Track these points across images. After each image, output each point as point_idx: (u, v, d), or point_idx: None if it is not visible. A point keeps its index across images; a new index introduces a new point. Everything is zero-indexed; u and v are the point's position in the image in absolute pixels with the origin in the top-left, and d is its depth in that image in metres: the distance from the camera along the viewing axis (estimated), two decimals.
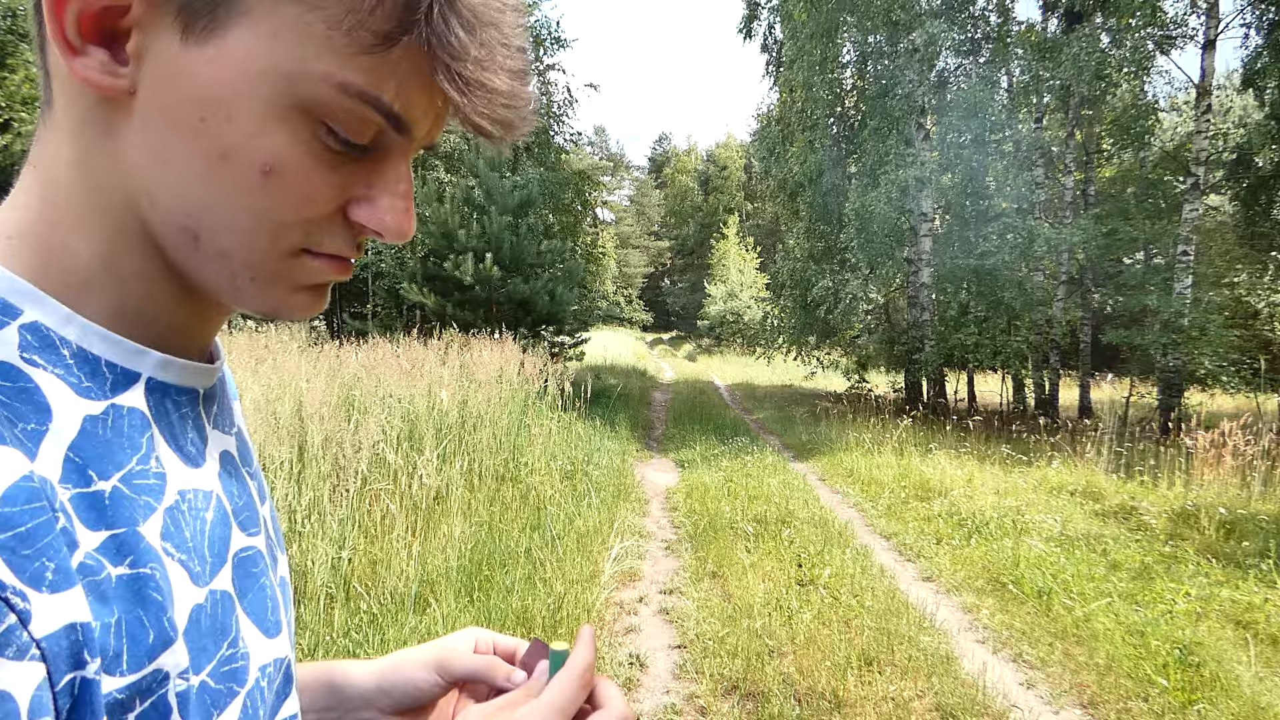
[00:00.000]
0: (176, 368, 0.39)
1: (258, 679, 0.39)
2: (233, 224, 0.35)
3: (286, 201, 0.35)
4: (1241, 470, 6.31)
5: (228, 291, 0.37)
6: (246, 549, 0.41)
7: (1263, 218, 12.57)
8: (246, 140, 0.34)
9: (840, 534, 5.21)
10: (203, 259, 0.36)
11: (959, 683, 3.09)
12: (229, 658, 0.37)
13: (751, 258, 37.25)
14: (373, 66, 0.34)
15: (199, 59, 0.33)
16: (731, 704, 2.91)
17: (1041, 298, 11.99)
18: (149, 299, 0.37)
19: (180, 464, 0.38)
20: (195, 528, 0.37)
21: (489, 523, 4.48)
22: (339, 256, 0.39)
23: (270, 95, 0.33)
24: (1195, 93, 11.04)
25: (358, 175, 0.37)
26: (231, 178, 0.34)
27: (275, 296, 0.38)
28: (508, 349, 7.62)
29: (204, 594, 0.36)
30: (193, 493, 0.38)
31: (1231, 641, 3.54)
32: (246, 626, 0.39)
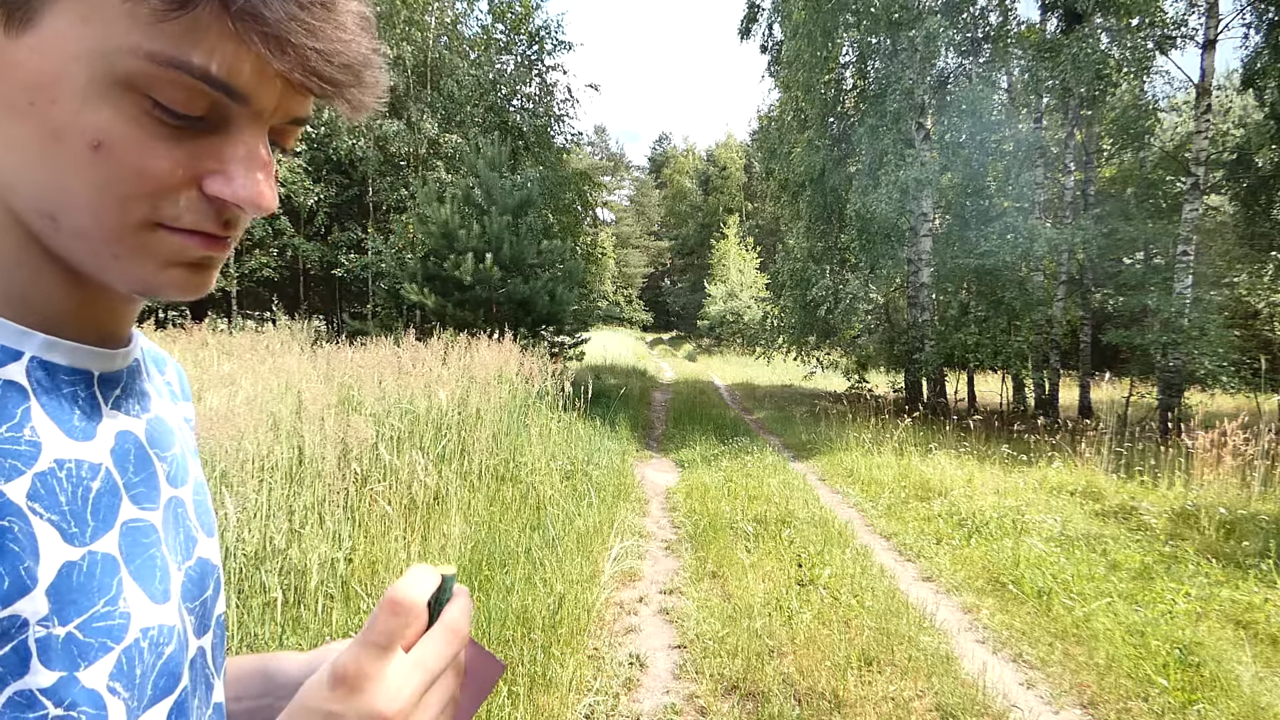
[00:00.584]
0: (64, 349, 0.41)
1: (137, 639, 0.40)
2: (78, 202, 0.36)
3: (122, 175, 0.36)
4: (1241, 470, 6.31)
5: (99, 270, 0.39)
6: (136, 520, 0.43)
7: (1263, 218, 12.58)
8: (73, 119, 0.35)
9: (840, 534, 5.21)
10: (66, 239, 0.38)
11: (959, 683, 3.09)
12: (105, 614, 0.39)
13: (751, 258, 37.24)
14: (178, 33, 0.35)
15: (21, 49, 0.35)
16: (731, 704, 2.91)
17: (1041, 298, 11.99)
18: (34, 285, 0.39)
19: (61, 435, 0.39)
20: (74, 493, 0.39)
21: (489, 523, 4.48)
22: (204, 233, 0.40)
23: (89, 74, 0.35)
24: (1195, 93, 11.04)
25: (207, 149, 0.38)
26: (65, 156, 0.35)
27: (144, 272, 0.39)
28: (508, 349, 7.62)
29: (81, 553, 0.38)
30: (73, 463, 0.40)
31: (1231, 641, 3.54)
32: (131, 589, 0.41)
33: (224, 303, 16.57)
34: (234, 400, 4.30)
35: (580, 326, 13.60)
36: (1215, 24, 10.87)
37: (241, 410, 3.79)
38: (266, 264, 16.60)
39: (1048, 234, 10.89)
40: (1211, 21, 10.86)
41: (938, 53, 12.40)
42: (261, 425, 3.83)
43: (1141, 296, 10.91)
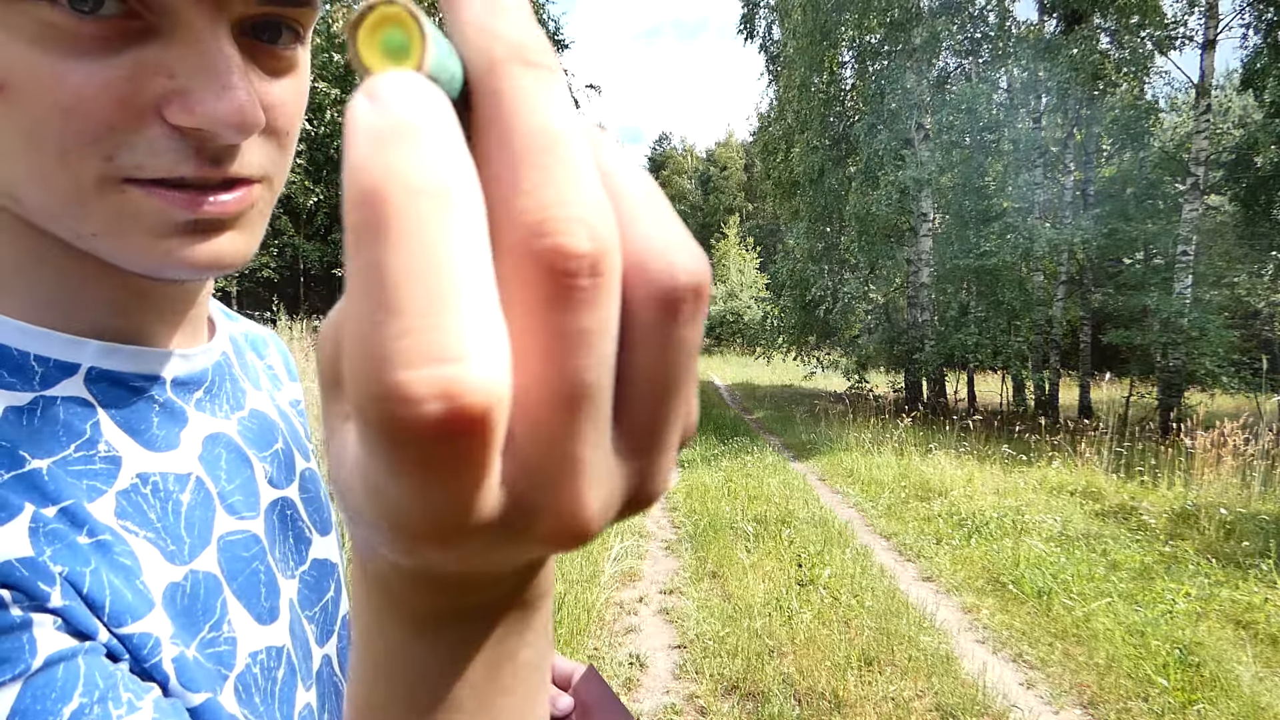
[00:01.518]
0: (126, 355, 0.36)
1: (248, 664, 0.37)
2: (20, 168, 0.30)
3: (41, 117, 0.28)
4: (1241, 470, 6.31)
5: (94, 251, 0.33)
6: (235, 533, 0.39)
7: (1263, 217, 12.57)
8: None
9: (840, 534, 5.20)
10: (43, 222, 0.32)
11: (959, 683, 3.08)
12: (212, 640, 0.35)
13: (751, 258, 37.22)
14: None
15: None
16: (731, 704, 2.91)
17: (1041, 298, 11.98)
18: (66, 285, 0.34)
19: (138, 448, 0.36)
20: (165, 508, 0.35)
21: None
22: (187, 183, 0.32)
23: None
24: (1195, 93, 11.05)
25: (149, 65, 0.30)
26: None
27: (136, 249, 0.32)
28: None
29: (182, 573, 0.35)
30: (159, 475, 0.36)
31: (1231, 641, 3.54)
32: (236, 609, 0.37)
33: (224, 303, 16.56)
34: None
35: None
36: (1215, 24, 10.87)
37: None
38: (267, 264, 16.60)
39: (1048, 234, 10.89)
40: (1211, 21, 10.87)
41: (937, 53, 12.40)
42: None
43: (1141, 296, 10.91)
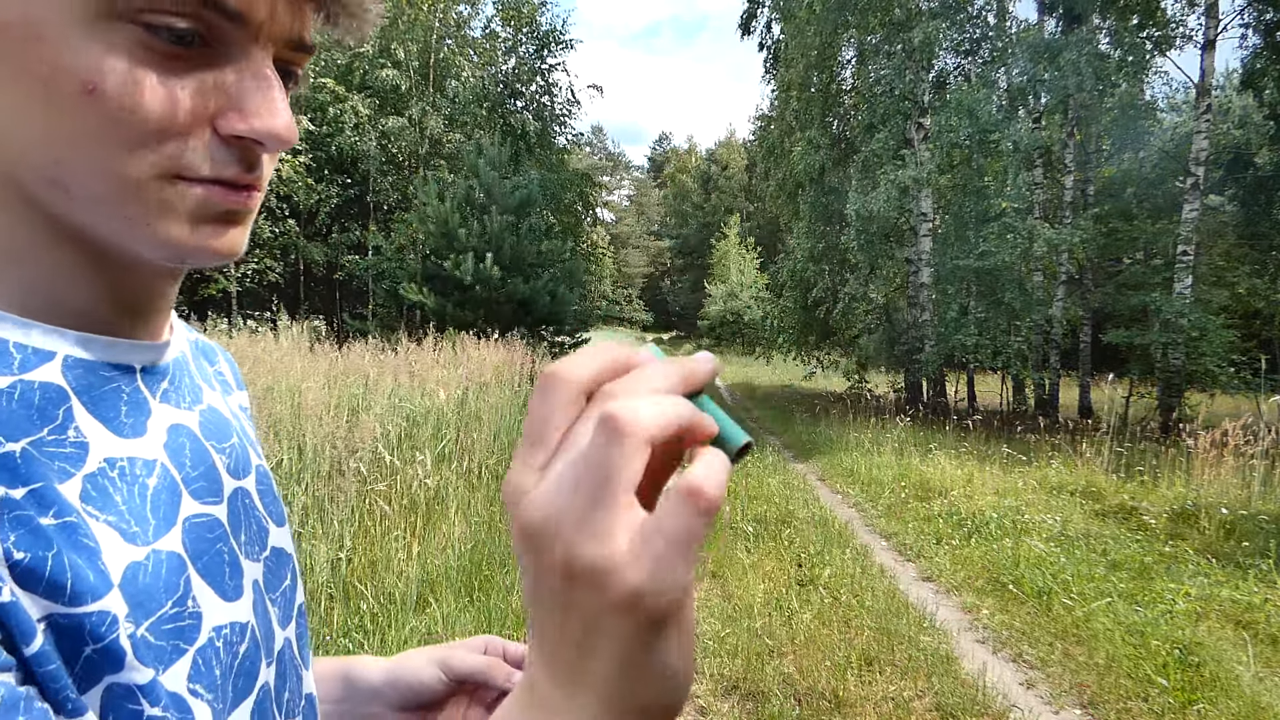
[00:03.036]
0: (100, 345, 0.38)
1: (211, 638, 0.39)
2: (84, 159, 0.34)
3: (121, 118, 0.33)
4: (1241, 470, 6.31)
5: (128, 239, 0.36)
6: (199, 515, 0.41)
7: (1263, 217, 12.58)
8: (61, 60, 0.32)
9: (840, 534, 5.21)
10: (82, 209, 0.35)
11: (959, 683, 3.09)
12: (175, 615, 0.37)
13: (752, 258, 37.24)
14: None
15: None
16: (731, 704, 2.91)
17: (1041, 298, 11.98)
18: (56, 275, 0.37)
19: (108, 434, 0.38)
20: (131, 491, 0.37)
21: (489, 522, 4.48)
22: (226, 182, 0.37)
23: (70, 10, 0.32)
24: (1195, 93, 11.04)
25: (212, 84, 0.35)
26: (60, 108, 0.33)
27: (174, 232, 0.36)
28: (507, 349, 7.62)
29: (144, 553, 0.36)
30: (125, 460, 0.38)
31: (1231, 641, 3.54)
32: (200, 587, 0.39)
33: (224, 303, 16.58)
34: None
35: (580, 326, 13.61)
36: (1215, 24, 10.87)
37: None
38: (272, 267, 16.62)
39: (1048, 234, 10.89)
40: (1211, 22, 10.87)
41: (936, 53, 12.40)
42: (261, 425, 3.83)
43: (1141, 296, 10.91)
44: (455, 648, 0.59)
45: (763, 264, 33.63)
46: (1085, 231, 11.13)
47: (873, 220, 12.00)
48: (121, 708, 0.33)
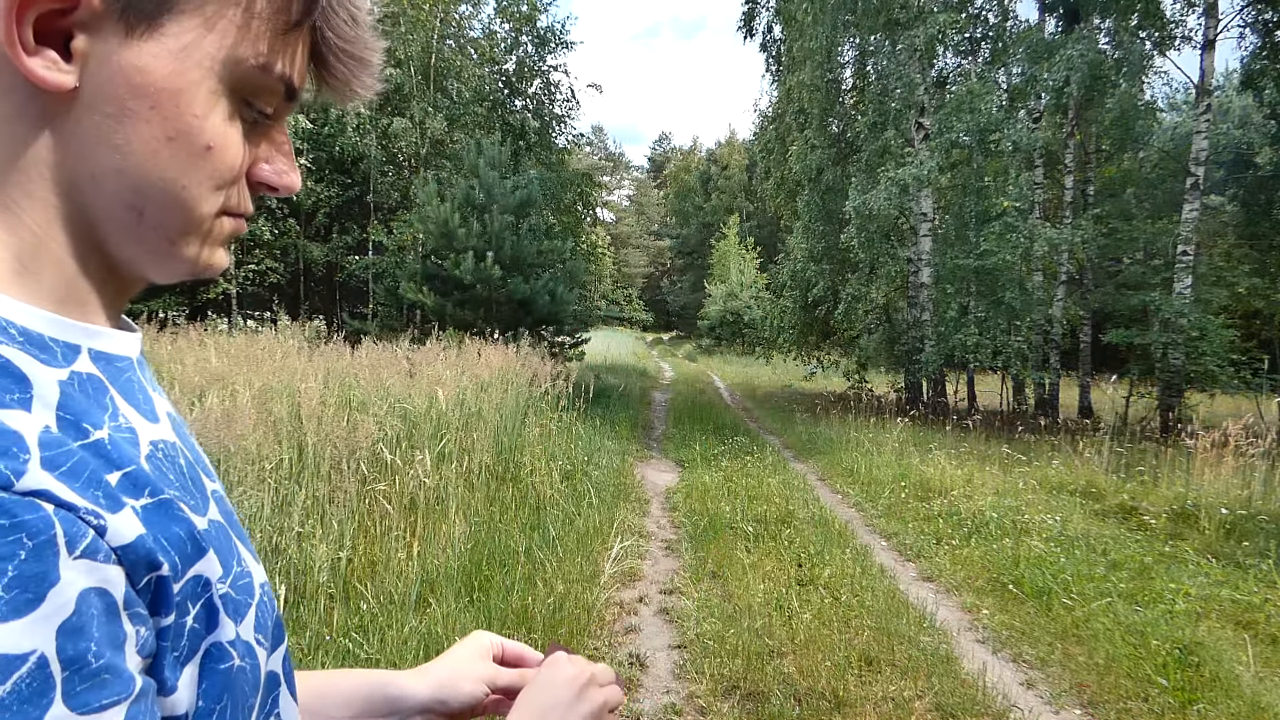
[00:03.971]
0: (108, 338, 0.41)
1: (261, 594, 0.44)
2: (176, 197, 0.39)
3: (220, 172, 0.40)
4: (1241, 470, 6.31)
5: (160, 260, 0.41)
6: (215, 490, 0.45)
7: (1263, 217, 12.58)
8: (194, 122, 0.38)
9: (840, 534, 5.21)
10: (144, 231, 0.40)
11: (959, 683, 3.09)
12: (240, 574, 0.42)
13: (752, 258, 37.23)
14: (280, 47, 0.40)
15: (144, 54, 0.36)
16: (731, 704, 2.91)
17: (1041, 298, 11.98)
18: (78, 279, 0.40)
19: (143, 420, 0.41)
20: (176, 471, 0.41)
21: (489, 522, 4.48)
22: (245, 215, 0.44)
23: (210, 81, 0.38)
24: (1195, 93, 11.04)
25: (261, 141, 0.43)
26: (180, 157, 0.38)
27: (206, 256, 0.42)
28: (508, 349, 7.62)
29: (206, 522, 0.40)
30: (162, 443, 0.41)
31: (1231, 641, 3.54)
32: (242, 550, 0.44)
33: (224, 304, 16.58)
34: (234, 401, 4.30)
35: (580, 326, 13.61)
36: (1214, 24, 10.87)
37: (242, 410, 3.79)
38: (273, 268, 16.60)
39: (1048, 234, 10.88)
40: (1210, 22, 10.86)
41: (936, 52, 12.40)
42: (261, 425, 3.83)
43: (1141, 296, 10.91)
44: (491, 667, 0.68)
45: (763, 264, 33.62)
46: (1085, 231, 11.13)
47: (873, 218, 12.00)
48: (214, 670, 0.38)
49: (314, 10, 0.41)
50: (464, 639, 0.70)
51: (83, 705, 0.29)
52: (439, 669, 0.66)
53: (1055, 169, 13.57)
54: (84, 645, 0.30)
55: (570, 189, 18.64)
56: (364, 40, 0.43)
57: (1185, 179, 10.98)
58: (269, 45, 0.39)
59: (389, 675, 0.64)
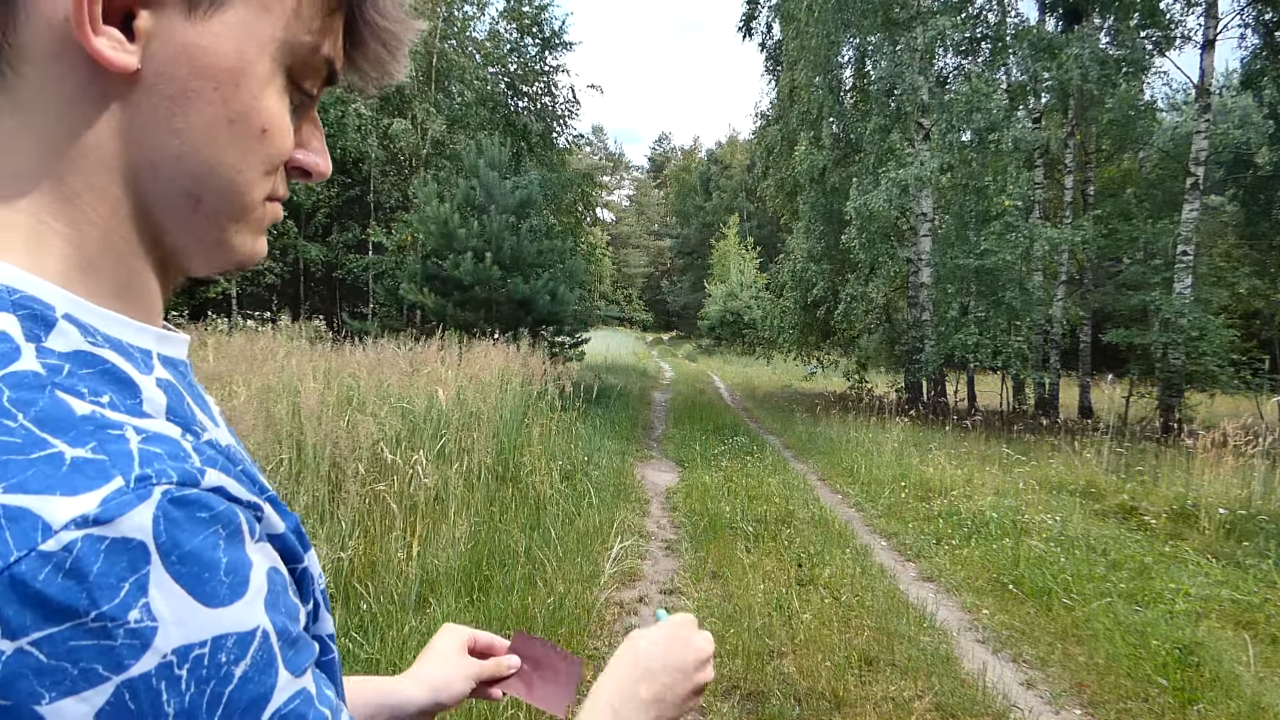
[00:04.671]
0: (167, 340, 0.40)
1: (323, 587, 0.44)
2: (234, 181, 0.38)
3: (272, 156, 0.39)
4: (1241, 470, 6.31)
5: (211, 250, 0.40)
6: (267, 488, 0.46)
7: (1263, 217, 12.57)
8: (252, 103, 0.37)
9: (840, 534, 5.21)
10: (199, 220, 0.38)
11: (959, 683, 3.09)
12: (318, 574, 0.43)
13: (751, 257, 37.23)
14: (325, 29, 0.40)
15: (206, 34, 0.35)
16: (732, 704, 2.91)
17: (1041, 298, 11.98)
18: (136, 274, 0.38)
19: (211, 423, 0.40)
20: (251, 470, 0.41)
21: (489, 523, 4.48)
22: (282, 200, 0.43)
23: (267, 62, 0.37)
24: (1195, 93, 11.04)
25: (298, 124, 0.42)
26: (238, 139, 0.37)
27: (252, 244, 0.41)
28: (507, 349, 7.62)
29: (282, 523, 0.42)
30: (229, 446, 0.41)
31: (1231, 641, 3.54)
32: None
33: (224, 303, 16.57)
34: (233, 401, 4.30)
35: (580, 326, 13.60)
36: (1214, 24, 10.87)
37: (241, 410, 3.79)
38: (271, 268, 16.59)
39: (1048, 234, 10.88)
40: (1210, 22, 10.86)
41: (936, 52, 12.39)
42: (260, 425, 3.83)
43: (1141, 296, 10.91)
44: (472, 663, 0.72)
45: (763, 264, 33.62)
46: (1085, 231, 11.13)
47: (873, 219, 12.00)
48: (322, 661, 0.39)
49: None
50: (440, 635, 0.73)
51: (295, 669, 0.33)
52: (431, 672, 0.69)
53: (1055, 169, 13.57)
54: (282, 617, 0.33)
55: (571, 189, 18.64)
56: (405, 21, 0.43)
57: (1185, 179, 10.98)
58: (317, 25, 0.39)
59: (389, 687, 0.67)
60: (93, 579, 0.27)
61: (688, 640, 0.65)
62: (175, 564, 0.28)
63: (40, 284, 0.33)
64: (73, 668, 0.26)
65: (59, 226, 0.35)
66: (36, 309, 0.33)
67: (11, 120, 0.34)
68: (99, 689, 0.26)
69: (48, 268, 0.35)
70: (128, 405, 0.33)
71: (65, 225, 0.35)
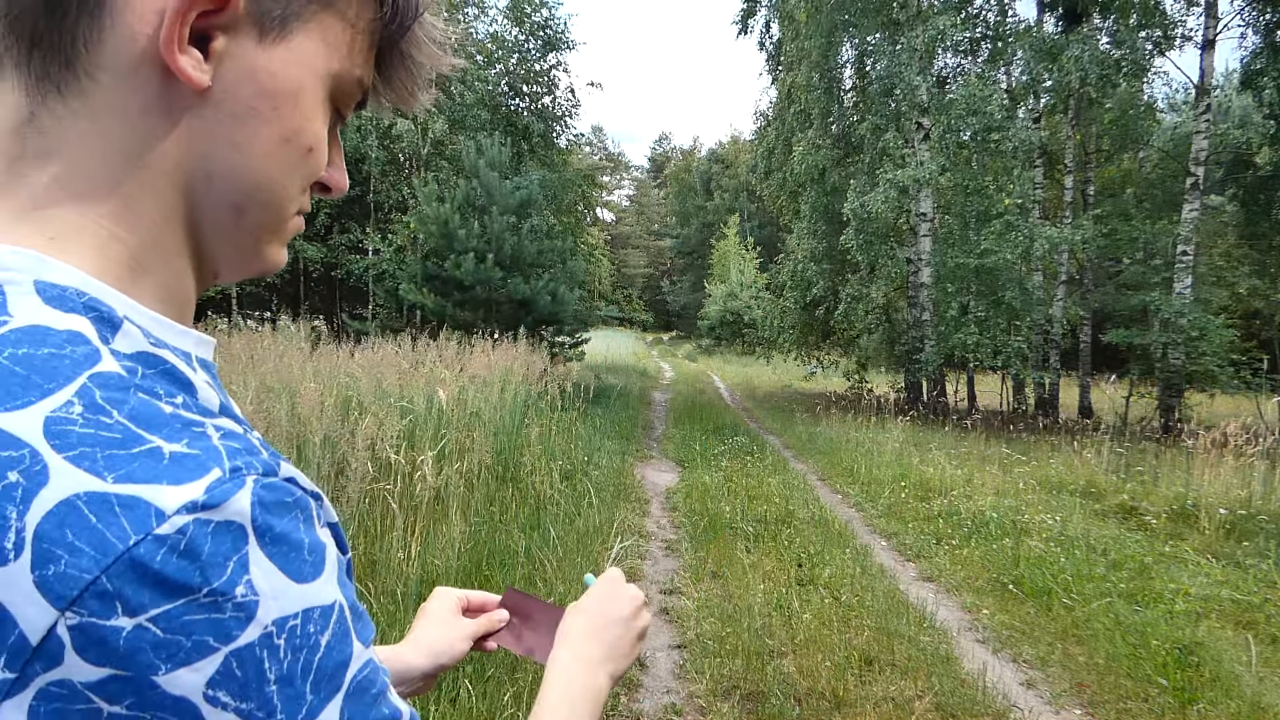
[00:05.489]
0: (203, 343, 0.42)
1: None
2: (278, 196, 0.41)
3: (311, 173, 0.43)
4: (1241, 470, 6.31)
5: (244, 259, 0.43)
6: None
7: (1263, 217, 12.58)
8: (305, 124, 0.41)
9: (840, 534, 5.21)
10: (239, 230, 0.41)
11: (959, 683, 3.09)
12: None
13: (752, 257, 37.24)
14: (367, 60, 0.44)
15: (273, 59, 0.38)
16: (732, 704, 2.91)
17: (1041, 298, 11.99)
18: (178, 279, 0.41)
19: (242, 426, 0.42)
20: None
21: (489, 522, 4.48)
22: (305, 214, 0.46)
23: (319, 87, 0.41)
24: (1195, 93, 11.04)
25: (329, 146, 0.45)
26: (288, 157, 0.41)
27: (279, 254, 0.45)
28: (507, 349, 7.62)
29: None
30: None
31: (1231, 641, 3.54)
32: None
33: (224, 303, 16.57)
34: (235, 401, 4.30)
35: (580, 326, 13.60)
36: (1214, 24, 10.87)
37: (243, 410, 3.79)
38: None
39: (1048, 233, 10.89)
40: (1210, 22, 10.87)
41: (937, 53, 12.39)
42: (260, 425, 3.83)
43: (1141, 296, 10.91)
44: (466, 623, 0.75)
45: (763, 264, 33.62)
46: (1085, 231, 11.13)
47: (871, 220, 12.00)
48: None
49: (403, 30, 0.44)
50: (433, 599, 0.76)
51: (364, 640, 0.36)
52: (430, 637, 0.72)
53: (1055, 169, 13.58)
54: (349, 594, 0.36)
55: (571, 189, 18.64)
56: (440, 57, 0.47)
57: (1185, 179, 10.98)
58: (360, 57, 0.43)
59: (389, 655, 0.69)
60: (204, 558, 0.29)
61: (619, 595, 0.71)
62: (269, 544, 0.31)
63: (104, 287, 0.35)
64: (186, 640, 0.28)
65: (119, 231, 0.37)
66: (104, 311, 0.35)
67: (86, 124, 0.36)
68: (210, 659, 0.29)
69: (109, 271, 0.36)
70: (196, 405, 0.35)
71: (125, 230, 0.37)
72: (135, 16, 0.35)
